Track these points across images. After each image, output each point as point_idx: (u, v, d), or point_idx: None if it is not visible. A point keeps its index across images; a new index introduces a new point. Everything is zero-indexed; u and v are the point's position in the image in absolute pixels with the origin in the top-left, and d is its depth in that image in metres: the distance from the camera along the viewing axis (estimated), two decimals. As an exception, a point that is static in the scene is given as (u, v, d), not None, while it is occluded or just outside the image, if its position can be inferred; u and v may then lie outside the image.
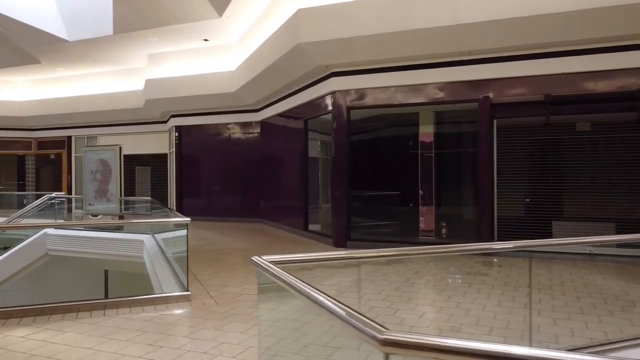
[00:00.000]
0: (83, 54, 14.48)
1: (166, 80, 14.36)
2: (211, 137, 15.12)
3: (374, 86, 8.98)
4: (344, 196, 9.26)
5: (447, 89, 8.53)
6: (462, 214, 9.66)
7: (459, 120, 9.58)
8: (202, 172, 15.34)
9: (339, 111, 9.26)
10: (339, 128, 9.29)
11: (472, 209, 9.54)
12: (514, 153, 8.68)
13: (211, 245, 9.82)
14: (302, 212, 11.01)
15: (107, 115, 17.21)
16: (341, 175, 9.30)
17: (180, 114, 15.29)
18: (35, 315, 4.73)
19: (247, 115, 14.42)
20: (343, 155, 9.28)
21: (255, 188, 14.38)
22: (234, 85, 13.11)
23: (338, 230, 9.29)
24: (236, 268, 7.24)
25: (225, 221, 14.59)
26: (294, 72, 9.92)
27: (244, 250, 9.01)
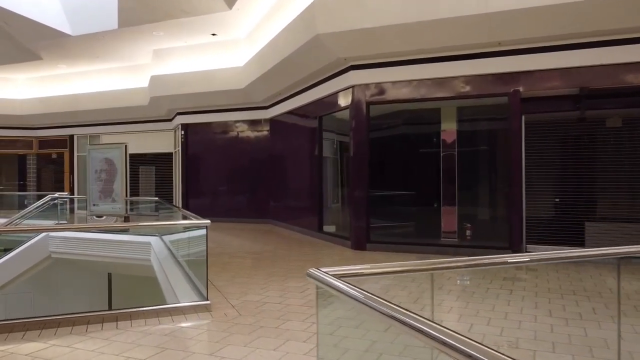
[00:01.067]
0: (86, 50, 14.02)
1: (172, 77, 13.90)
2: (218, 136, 14.66)
3: (395, 80, 8.51)
4: (364, 196, 8.79)
5: (474, 83, 8.06)
6: (486, 215, 9.19)
7: (484, 116, 9.11)
8: (208, 171, 14.87)
9: (358, 107, 8.79)
10: (358, 125, 8.82)
11: (498, 209, 9.07)
12: (543, 150, 8.22)
13: (222, 247, 9.36)
14: (317, 212, 10.54)
15: (111, 113, 16.76)
16: (360, 175, 8.83)
17: (187, 112, 14.82)
18: (40, 329, 4.27)
19: (256, 113, 13.95)
20: (362, 153, 8.81)
21: (264, 188, 13.92)
22: (242, 81, 12.64)
23: (357, 232, 8.82)
24: (254, 273, 6.77)
25: (232, 222, 14.13)
26: (309, 66, 9.45)
27: (259, 254, 8.54)
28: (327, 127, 10.60)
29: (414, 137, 10.03)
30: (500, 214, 8.86)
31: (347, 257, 7.98)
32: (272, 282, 6.17)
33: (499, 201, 9.02)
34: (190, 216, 5.84)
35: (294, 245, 9.56)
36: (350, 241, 8.97)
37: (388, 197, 10.08)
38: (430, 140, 9.51)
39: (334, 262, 7.58)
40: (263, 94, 12.73)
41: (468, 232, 8.75)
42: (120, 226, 8.65)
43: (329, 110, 10.06)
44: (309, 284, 6.01)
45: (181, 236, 8.23)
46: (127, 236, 10.72)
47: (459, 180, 8.98)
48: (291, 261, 7.68)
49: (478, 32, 7.48)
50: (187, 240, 8.15)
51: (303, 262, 7.59)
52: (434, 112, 9.28)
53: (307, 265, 7.39)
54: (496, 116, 9.00)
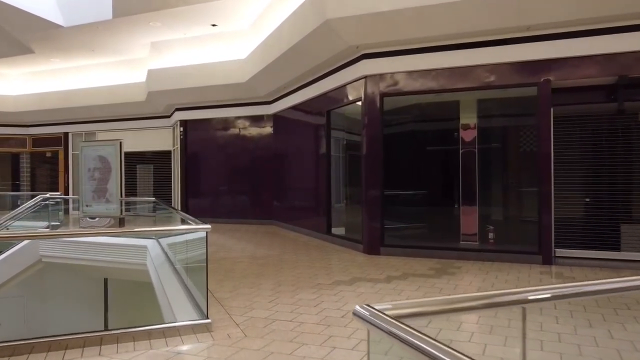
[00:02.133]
0: (80, 43, 13.33)
1: (170, 71, 13.21)
2: (219, 132, 13.96)
3: (411, 69, 7.81)
4: (377, 196, 8.10)
5: (499, 72, 7.36)
6: (510, 216, 8.50)
7: (507, 109, 8.41)
8: (208, 169, 14.18)
9: (371, 99, 8.10)
10: (371, 119, 8.13)
11: (523, 210, 8.39)
12: (574, 146, 7.52)
13: (224, 251, 8.67)
14: (324, 214, 9.85)
15: (107, 109, 16.07)
16: (374, 173, 8.13)
17: (186, 107, 14.13)
18: (27, 353, 3.59)
19: (259, 108, 13.26)
20: (376, 150, 8.12)
21: (267, 187, 13.23)
22: (244, 74, 11.95)
23: (370, 235, 8.13)
24: (259, 282, 6.08)
25: (234, 223, 13.45)
26: (317, 55, 8.75)
27: (264, 259, 7.85)
28: (333, 125, 9.90)
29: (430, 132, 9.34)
30: (526, 215, 8.17)
31: (361, 263, 7.29)
32: (281, 293, 5.48)
33: (524, 201, 8.33)
34: (188, 220, 5.15)
35: (300, 249, 8.87)
36: (363, 244, 8.28)
37: (402, 197, 9.41)
38: (448, 136, 8.83)
39: (346, 268, 6.90)
40: (266, 88, 12.04)
41: (491, 235, 8.06)
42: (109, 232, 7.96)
43: (338, 104, 9.36)
44: (322, 295, 5.32)
45: (178, 239, 7.57)
46: (122, 239, 10.05)
47: (480, 178, 8.30)
48: (299, 267, 6.99)
49: (505, 15, 6.78)
50: (184, 244, 7.51)
51: (313, 268, 6.90)
52: (452, 106, 8.60)
53: (318, 272, 6.72)
54: (522, 109, 8.30)
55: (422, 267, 6.96)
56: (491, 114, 8.53)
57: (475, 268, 6.85)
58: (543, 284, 5.37)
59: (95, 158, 10.80)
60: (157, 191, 16.63)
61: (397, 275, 6.36)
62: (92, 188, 10.82)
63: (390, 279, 6.13)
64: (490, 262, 7.29)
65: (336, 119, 9.87)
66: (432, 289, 5.58)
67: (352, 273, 6.55)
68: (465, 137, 8.33)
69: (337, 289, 5.64)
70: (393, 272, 6.62)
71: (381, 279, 6.13)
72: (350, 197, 10.16)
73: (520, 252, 7.31)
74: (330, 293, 5.42)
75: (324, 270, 6.79)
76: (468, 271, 6.62)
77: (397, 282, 5.94)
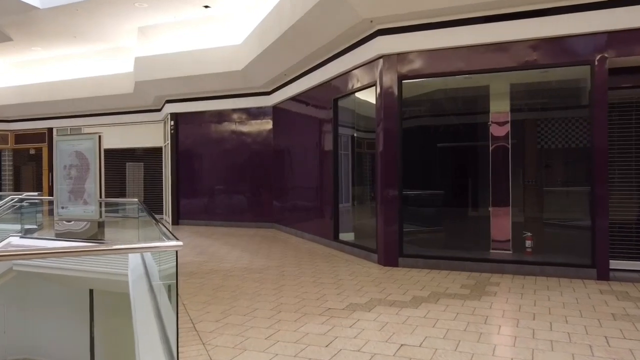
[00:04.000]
0: (60, 28, 12.11)
1: (159, 58, 12.00)
2: (213, 126, 12.75)
3: (435, 47, 6.59)
4: (395, 198, 6.88)
5: (543, 49, 6.13)
6: (549, 221, 7.30)
7: (548, 94, 7.21)
8: (202, 167, 12.97)
9: (388, 83, 6.87)
10: (388, 107, 6.90)
11: (566, 214, 7.20)
12: (631, 138, 6.31)
13: (215, 261, 7.47)
14: (331, 217, 8.64)
15: (93, 102, 14.87)
16: (391, 171, 6.91)
17: (176, 99, 12.91)
18: None
19: (257, 99, 12.04)
20: (393, 144, 6.90)
21: (266, 187, 12.02)
22: (240, 61, 10.74)
23: (386, 243, 6.91)
24: (255, 305, 4.87)
25: (230, 226, 12.25)
26: (324, 33, 7.53)
27: (262, 271, 6.65)
28: (341, 116, 8.68)
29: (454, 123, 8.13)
30: (570, 220, 6.99)
31: (377, 278, 6.08)
32: (282, 323, 4.27)
33: (567, 204, 7.14)
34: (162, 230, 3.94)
35: (304, 258, 7.66)
36: (377, 254, 7.06)
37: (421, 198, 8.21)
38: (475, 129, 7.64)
39: (360, 286, 5.69)
40: (265, 76, 10.82)
41: (528, 243, 6.84)
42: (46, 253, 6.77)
43: (347, 91, 8.13)
44: (334, 328, 4.11)
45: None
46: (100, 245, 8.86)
47: (514, 176, 7.10)
48: (304, 284, 5.78)
49: (554, -23, 5.57)
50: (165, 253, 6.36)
51: (320, 285, 5.69)
52: (481, 93, 7.41)
53: (326, 291, 5.53)
54: (566, 93, 7.10)
55: (452, 283, 5.75)
56: (528, 102, 7.32)
57: (517, 285, 5.63)
58: (611, 309, 4.14)
59: (71, 154, 9.57)
60: (149, 191, 15.45)
61: (425, 296, 5.14)
62: (68, 188, 9.60)
63: (417, 302, 4.92)
64: (532, 276, 6.08)
65: (345, 109, 8.65)
66: (474, 318, 4.36)
67: (369, 292, 5.34)
68: (495, 130, 7.13)
69: (353, 317, 4.43)
70: (418, 290, 5.41)
71: (406, 302, 4.92)
72: (360, 197, 8.96)
73: (569, 265, 6.08)
74: (345, 324, 4.21)
75: (333, 287, 5.58)
76: (510, 290, 5.40)
77: (427, 307, 4.73)
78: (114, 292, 9.60)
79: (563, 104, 7.21)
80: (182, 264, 7.41)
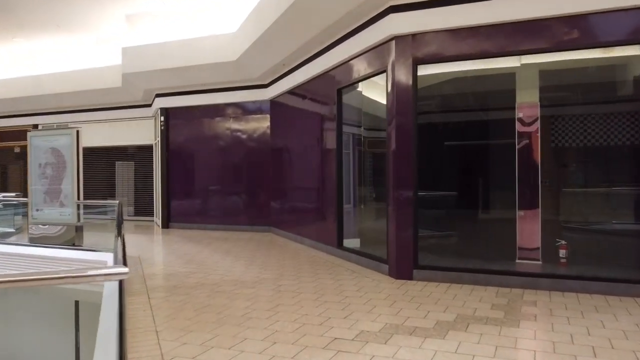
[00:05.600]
0: (42, 17, 11.23)
1: (147, 48, 11.11)
2: (206, 122, 11.83)
3: (457, 26, 5.68)
4: (409, 201, 5.97)
5: (591, 25, 5.23)
6: (589, 226, 6.41)
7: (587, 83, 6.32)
8: (194, 166, 12.06)
9: (401, 68, 5.96)
10: (401, 96, 5.99)
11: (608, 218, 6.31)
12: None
13: (203, 272, 6.56)
14: (334, 221, 7.73)
15: (80, 97, 13.97)
16: (405, 170, 6.00)
17: (167, 93, 12.01)
18: None
19: (253, 93, 11.14)
20: (407, 138, 5.99)
21: (263, 187, 11.12)
22: (235, 51, 9.83)
23: (399, 252, 6.00)
24: (244, 334, 3.97)
25: (224, 229, 11.34)
26: (328, 13, 6.62)
27: (255, 286, 5.74)
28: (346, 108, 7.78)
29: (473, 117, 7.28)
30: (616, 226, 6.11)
31: (391, 296, 5.17)
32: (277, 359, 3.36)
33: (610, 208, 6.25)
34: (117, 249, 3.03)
35: (304, 268, 6.75)
36: (389, 265, 6.15)
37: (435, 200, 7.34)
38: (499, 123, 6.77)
39: (372, 306, 4.78)
40: (261, 67, 9.92)
41: (563, 253, 5.94)
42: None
43: (353, 80, 7.22)
44: (343, 368, 3.19)
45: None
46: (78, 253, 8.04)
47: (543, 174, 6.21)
48: (304, 303, 4.88)
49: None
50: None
51: (323, 305, 4.78)
52: (504, 81, 6.53)
53: (331, 313, 4.61)
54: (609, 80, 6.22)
55: (480, 302, 4.84)
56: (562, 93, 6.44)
57: (558, 305, 4.72)
58: None
59: (46, 151, 8.67)
60: (140, 192, 14.56)
61: (451, 321, 4.23)
62: (44, 189, 8.70)
63: (442, 329, 4.00)
64: (572, 293, 5.16)
65: (348, 105, 7.74)
66: (518, 354, 3.45)
67: (382, 315, 4.43)
68: (522, 120, 6.22)
69: (366, 351, 3.52)
70: (441, 312, 4.50)
71: (429, 329, 4.00)
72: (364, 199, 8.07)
73: (617, 281, 5.16)
74: (356, 362, 3.31)
75: (339, 308, 4.67)
76: (552, 312, 4.48)
77: (456, 336, 3.82)
78: (99, 303, 8.63)
79: (610, 89, 6.33)
80: (165, 275, 6.50)
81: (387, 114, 6.23)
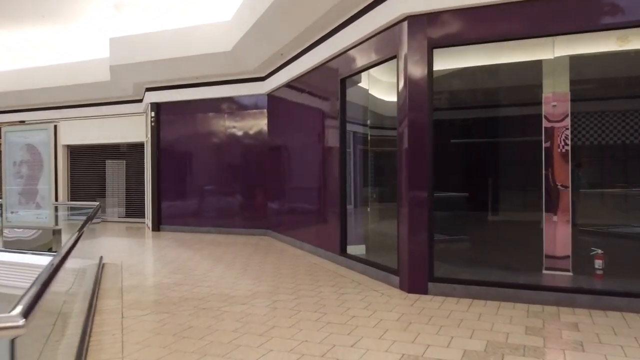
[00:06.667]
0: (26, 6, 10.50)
1: (137, 39, 10.39)
2: (199, 118, 11.10)
3: (479, 3, 4.95)
4: (424, 203, 5.23)
5: (626, 2, 4.49)
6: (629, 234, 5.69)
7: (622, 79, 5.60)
8: (187, 165, 11.32)
9: (415, 53, 5.23)
10: (415, 85, 5.25)
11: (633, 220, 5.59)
12: None
13: (190, 283, 5.82)
14: (337, 225, 6.99)
15: (68, 92, 13.25)
16: (419, 169, 5.26)
17: (158, 87, 11.28)
18: None
19: (249, 86, 10.40)
20: (422, 131, 5.24)
21: (260, 187, 10.39)
22: (230, 40, 9.11)
23: (412, 262, 5.26)
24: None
25: (218, 232, 10.62)
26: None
27: (247, 302, 5.01)
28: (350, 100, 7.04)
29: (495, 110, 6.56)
30: None
31: (405, 315, 4.43)
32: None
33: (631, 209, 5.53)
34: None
35: (303, 279, 6.02)
36: (400, 276, 5.41)
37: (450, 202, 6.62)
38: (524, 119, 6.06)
39: (383, 330, 4.05)
40: (258, 57, 9.18)
41: (599, 264, 5.20)
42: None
43: (358, 68, 6.48)
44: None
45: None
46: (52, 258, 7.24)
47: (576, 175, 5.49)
48: (303, 324, 4.14)
49: None
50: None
51: (325, 328, 4.05)
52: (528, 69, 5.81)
53: (335, 339, 3.77)
54: None
55: (511, 324, 4.10)
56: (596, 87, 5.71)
57: (604, 328, 3.98)
58: None
59: (22, 147, 7.95)
60: (131, 192, 13.84)
61: (481, 351, 3.49)
62: (19, 189, 7.97)
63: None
64: (617, 311, 4.43)
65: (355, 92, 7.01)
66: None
67: (397, 343, 3.69)
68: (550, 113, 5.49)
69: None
70: (467, 338, 3.76)
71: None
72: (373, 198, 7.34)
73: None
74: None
75: (345, 332, 3.93)
76: (600, 337, 3.74)
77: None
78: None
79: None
80: (146, 287, 5.76)
81: (398, 105, 5.49)
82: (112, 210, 14.06)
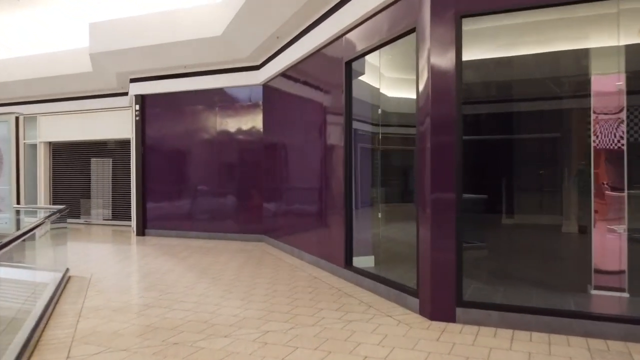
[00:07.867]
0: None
1: (119, 23, 9.39)
2: (188, 111, 10.11)
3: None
4: (450, 206, 4.23)
5: None
6: None
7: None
8: (174, 163, 10.33)
9: (439, 24, 4.23)
10: (440, 63, 4.25)
11: None
12: None
13: (164, 305, 4.83)
14: (342, 233, 5.99)
15: (48, 85, 12.24)
16: (445, 168, 4.26)
17: (143, 77, 10.28)
18: None
19: (243, 76, 9.41)
20: (448, 127, 4.24)
21: (255, 188, 9.40)
22: (221, 23, 8.12)
23: (436, 281, 4.26)
24: None
25: (209, 237, 9.64)
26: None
27: (230, 333, 4.02)
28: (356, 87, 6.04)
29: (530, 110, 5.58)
30: None
31: (430, 355, 3.44)
32: None
33: None
34: None
35: (302, 298, 5.03)
36: (420, 299, 4.41)
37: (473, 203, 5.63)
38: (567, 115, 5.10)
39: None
40: (251, 42, 8.19)
41: (666, 284, 4.21)
42: None
43: (366, 47, 5.48)
44: None
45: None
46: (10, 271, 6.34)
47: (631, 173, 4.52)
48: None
49: None
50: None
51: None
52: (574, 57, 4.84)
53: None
54: None
55: (573, 370, 3.11)
56: None
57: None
58: None
59: (-21, 142, 6.95)
60: (118, 192, 12.86)
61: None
62: (-24, 189, 6.98)
63: None
64: (703, 350, 3.44)
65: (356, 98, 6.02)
66: None
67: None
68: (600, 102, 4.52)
69: None
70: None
71: None
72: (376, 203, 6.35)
73: None
74: None
75: (356, 383, 2.94)
76: None
77: None
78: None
79: None
80: (111, 312, 4.74)
81: (417, 90, 4.49)
82: (97, 212, 13.08)
